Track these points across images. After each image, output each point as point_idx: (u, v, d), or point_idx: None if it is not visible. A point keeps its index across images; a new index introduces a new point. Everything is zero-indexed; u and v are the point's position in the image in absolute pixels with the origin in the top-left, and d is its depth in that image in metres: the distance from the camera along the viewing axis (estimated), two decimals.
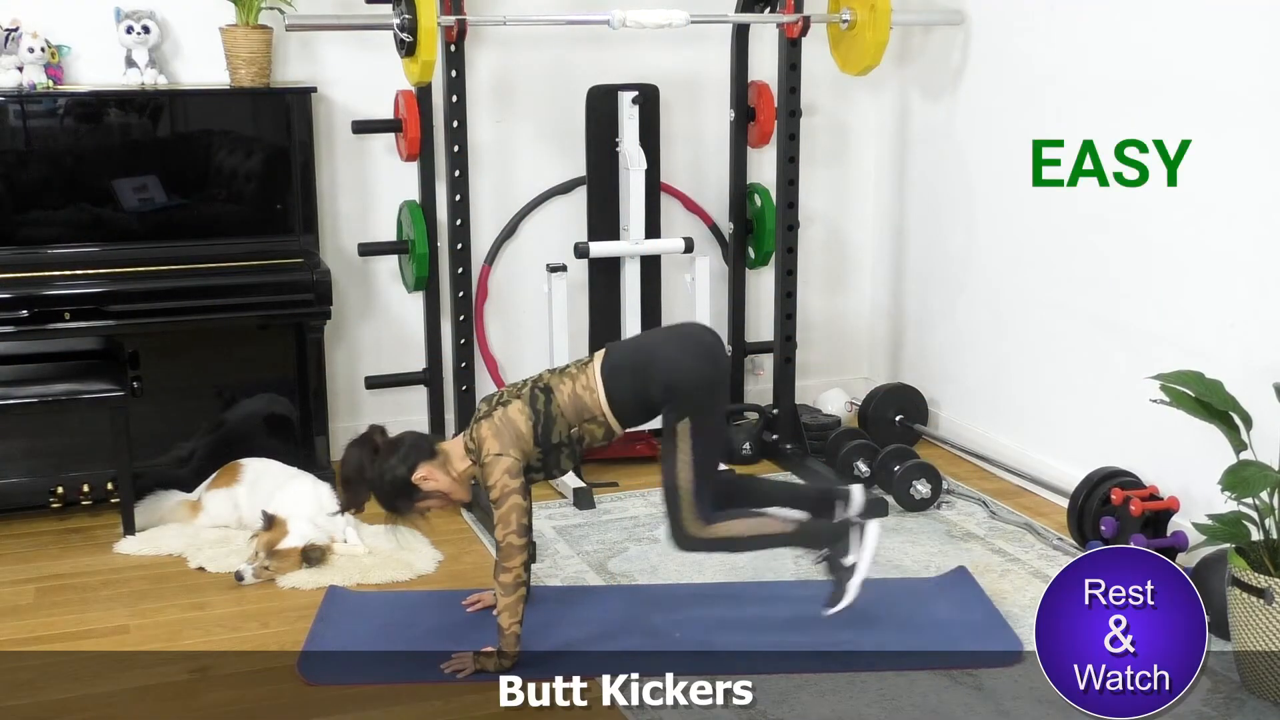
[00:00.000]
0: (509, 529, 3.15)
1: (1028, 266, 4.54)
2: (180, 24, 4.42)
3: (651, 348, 3.37)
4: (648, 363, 3.29)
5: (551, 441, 3.25)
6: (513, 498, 3.16)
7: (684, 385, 3.26)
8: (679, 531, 3.31)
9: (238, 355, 4.46)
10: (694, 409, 3.26)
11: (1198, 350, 3.76)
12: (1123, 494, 3.74)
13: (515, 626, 3.18)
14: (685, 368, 3.28)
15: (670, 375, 3.26)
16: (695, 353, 3.33)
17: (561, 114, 4.82)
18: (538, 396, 3.26)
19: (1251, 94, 3.64)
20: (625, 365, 3.30)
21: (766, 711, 3.06)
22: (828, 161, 5.29)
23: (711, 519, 3.30)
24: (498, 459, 3.18)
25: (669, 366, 3.27)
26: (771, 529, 3.34)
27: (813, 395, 5.30)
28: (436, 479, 3.25)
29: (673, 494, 3.29)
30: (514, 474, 3.17)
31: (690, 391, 3.26)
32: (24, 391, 4.02)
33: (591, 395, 3.25)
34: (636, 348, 3.43)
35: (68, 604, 3.68)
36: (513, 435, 3.20)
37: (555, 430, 3.24)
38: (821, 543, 3.37)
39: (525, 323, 4.97)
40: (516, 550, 3.15)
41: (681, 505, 3.28)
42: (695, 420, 3.25)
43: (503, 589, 3.16)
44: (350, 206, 4.74)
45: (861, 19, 4.45)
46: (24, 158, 4.20)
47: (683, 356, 3.30)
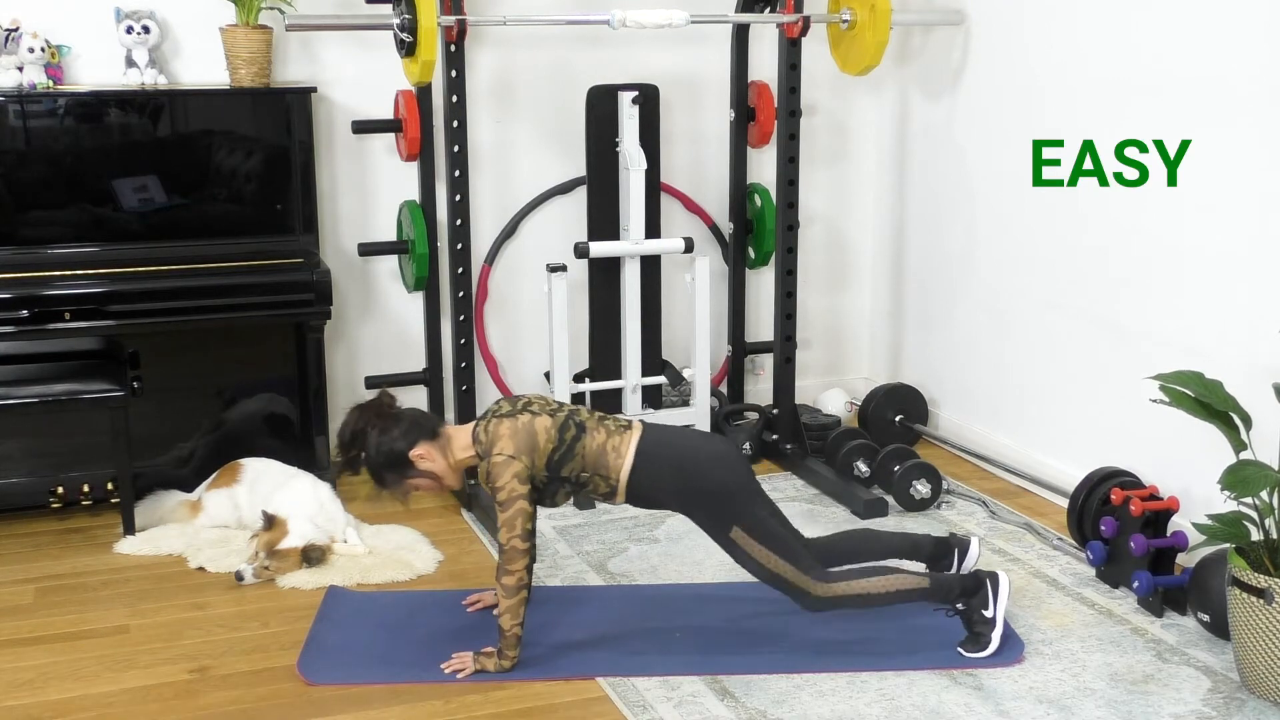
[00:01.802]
0: (514, 533, 3.15)
1: (1028, 266, 4.54)
2: (180, 24, 4.42)
3: (690, 455, 3.29)
4: (681, 468, 3.25)
5: (560, 474, 3.23)
6: (519, 503, 3.16)
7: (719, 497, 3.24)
8: (804, 600, 3.28)
9: (238, 355, 4.46)
10: (737, 514, 3.24)
11: (1198, 350, 3.76)
12: (1123, 494, 3.74)
13: (516, 628, 3.19)
14: (718, 480, 3.25)
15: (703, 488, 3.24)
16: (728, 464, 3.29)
17: (561, 114, 4.82)
18: (570, 427, 3.23)
19: (1251, 94, 3.64)
20: (660, 460, 3.26)
21: (766, 711, 3.06)
22: (828, 161, 5.30)
23: (830, 578, 3.28)
24: (510, 461, 3.16)
25: (703, 477, 3.24)
26: (906, 585, 3.30)
27: (813, 395, 5.30)
28: (433, 460, 3.25)
29: (777, 583, 3.27)
30: (523, 480, 3.17)
31: (728, 501, 3.24)
32: (24, 391, 4.02)
33: (617, 460, 3.24)
34: (675, 449, 3.32)
35: (68, 604, 3.68)
36: (529, 445, 3.19)
37: (569, 465, 3.23)
38: (957, 596, 3.33)
39: (525, 323, 4.97)
40: (520, 554, 3.15)
41: (790, 582, 3.25)
42: (745, 523, 3.24)
43: (505, 591, 3.16)
44: (350, 206, 4.74)
45: (861, 19, 4.45)
46: (24, 158, 4.20)
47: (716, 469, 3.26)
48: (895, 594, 3.28)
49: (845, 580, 3.27)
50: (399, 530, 4.12)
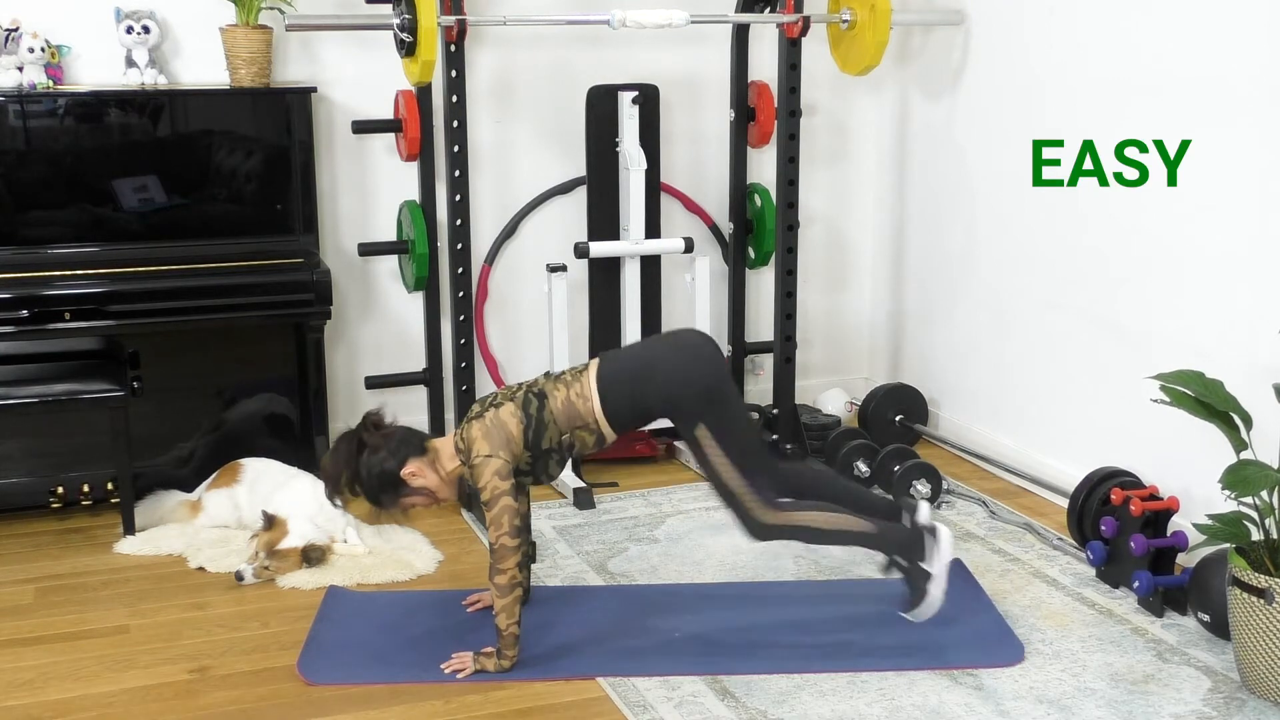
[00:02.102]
0: (501, 530, 3.15)
1: (1028, 266, 4.54)
2: (180, 24, 4.42)
3: (650, 359, 3.34)
4: (647, 374, 3.28)
5: (541, 447, 3.24)
6: (503, 499, 3.16)
7: (687, 395, 3.26)
8: (750, 522, 3.28)
9: (238, 355, 4.46)
10: (705, 414, 3.25)
11: (1198, 350, 3.76)
12: (1123, 494, 3.74)
13: (513, 627, 3.19)
14: (686, 379, 3.27)
15: (670, 387, 3.26)
16: (695, 363, 3.31)
17: (561, 114, 4.82)
18: (531, 401, 3.25)
19: (1251, 94, 3.63)
20: (623, 375, 3.29)
21: (767, 711, 3.06)
22: (828, 161, 5.30)
23: (782, 506, 3.28)
24: (487, 460, 3.17)
25: (669, 378, 3.27)
26: (852, 525, 3.31)
27: (813, 395, 5.30)
28: (425, 476, 3.25)
29: (728, 495, 3.28)
30: (504, 476, 3.17)
31: (695, 400, 3.25)
32: (24, 391, 4.02)
33: (585, 403, 3.25)
34: (634, 357, 3.42)
35: (68, 604, 3.68)
36: (503, 437, 3.20)
37: (546, 436, 3.24)
38: (899, 548, 3.34)
39: (525, 323, 4.97)
40: (509, 551, 3.15)
41: (742, 501, 3.26)
42: (712, 424, 3.25)
43: (498, 590, 3.16)
44: (350, 206, 4.74)
45: (861, 19, 4.45)
46: (24, 158, 4.20)
47: (683, 367, 3.29)
48: (840, 533, 3.30)
49: (793, 510, 3.28)
50: (399, 530, 4.11)
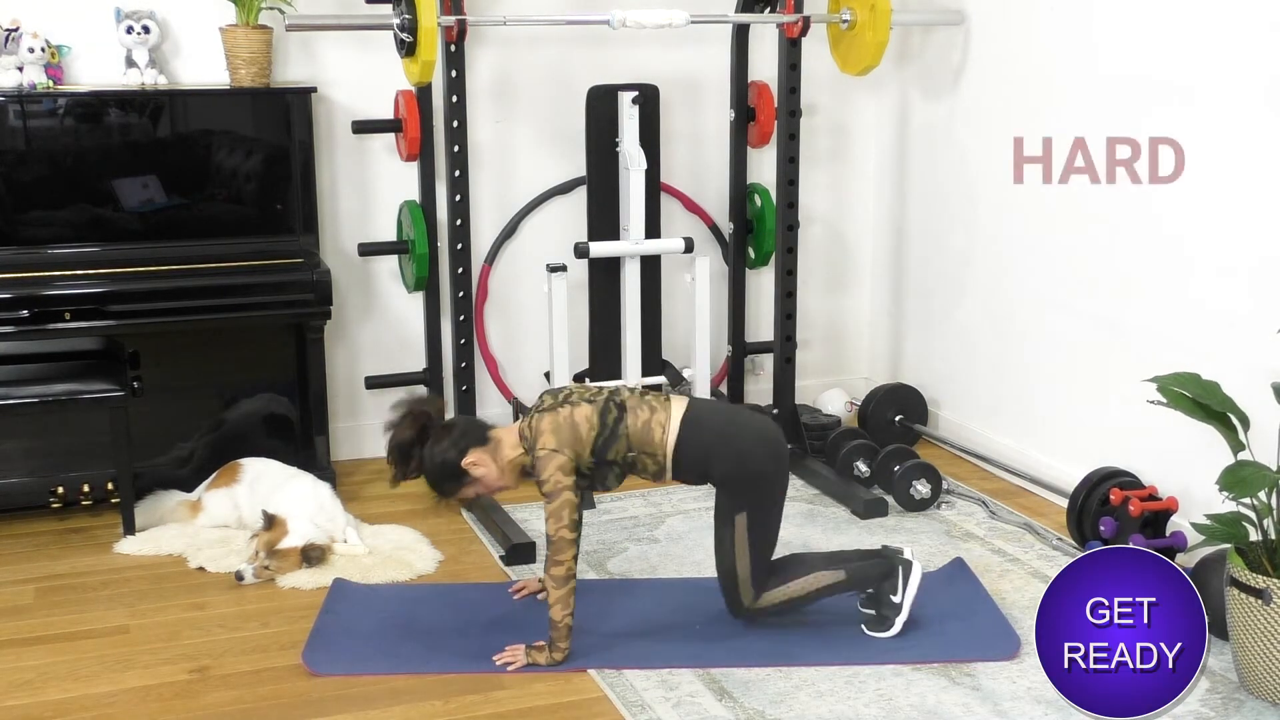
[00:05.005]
0: (561, 524, 3.20)
1: (1028, 266, 4.54)
2: (180, 24, 4.42)
3: (736, 431, 3.36)
4: (726, 439, 3.32)
5: (606, 458, 3.29)
6: (565, 494, 3.21)
7: (750, 478, 3.32)
8: (736, 607, 3.42)
9: (238, 355, 4.46)
10: (753, 504, 3.32)
11: (1197, 350, 3.75)
12: (1122, 494, 3.74)
13: (568, 619, 3.23)
14: (760, 466, 3.34)
15: (742, 462, 3.31)
16: (771, 457, 3.37)
17: (561, 114, 4.82)
18: (610, 410, 3.29)
19: (1252, 94, 3.63)
20: (707, 427, 3.33)
21: (764, 711, 3.07)
22: (828, 161, 5.29)
23: (761, 590, 3.38)
24: (553, 454, 3.22)
25: (744, 453, 3.31)
26: (825, 580, 3.39)
27: (813, 395, 5.30)
28: (485, 466, 3.30)
29: (730, 578, 3.37)
30: (567, 472, 3.22)
31: (753, 487, 3.33)
32: (24, 391, 4.02)
33: (662, 434, 3.29)
34: (722, 416, 3.44)
35: (68, 604, 3.68)
36: (571, 436, 3.25)
37: (614, 449, 3.28)
38: (871, 582, 3.41)
39: (525, 323, 4.97)
40: (568, 544, 3.21)
41: (739, 588, 3.37)
42: (753, 515, 3.32)
43: (554, 582, 3.21)
44: (350, 206, 4.74)
45: (861, 19, 4.45)
46: (24, 158, 4.20)
47: (759, 453, 3.34)
48: (817, 592, 3.39)
49: (772, 589, 3.37)
50: (399, 530, 4.12)
